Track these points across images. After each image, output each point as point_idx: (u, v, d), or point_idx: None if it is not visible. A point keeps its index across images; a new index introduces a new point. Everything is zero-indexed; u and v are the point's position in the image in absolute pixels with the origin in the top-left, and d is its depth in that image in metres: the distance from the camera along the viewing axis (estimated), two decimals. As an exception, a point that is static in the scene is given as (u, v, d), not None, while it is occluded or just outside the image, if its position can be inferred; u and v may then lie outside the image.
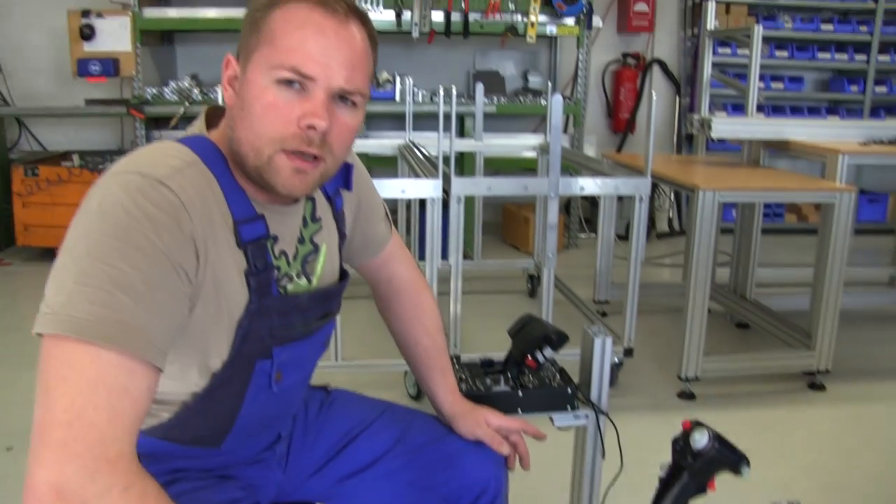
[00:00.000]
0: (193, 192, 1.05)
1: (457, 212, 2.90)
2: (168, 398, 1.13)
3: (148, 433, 1.15)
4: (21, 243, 5.07)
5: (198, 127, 1.19)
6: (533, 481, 2.61)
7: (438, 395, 1.53)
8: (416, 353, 1.57)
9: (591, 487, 1.83)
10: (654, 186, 6.03)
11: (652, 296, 4.46)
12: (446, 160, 2.96)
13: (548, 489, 2.43)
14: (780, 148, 3.95)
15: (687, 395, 3.21)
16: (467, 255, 4.97)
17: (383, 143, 4.47)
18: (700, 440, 1.05)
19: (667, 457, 1.20)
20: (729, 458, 1.07)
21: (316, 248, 1.28)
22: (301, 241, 1.25)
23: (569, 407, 1.70)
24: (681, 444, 1.08)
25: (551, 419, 1.72)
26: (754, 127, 3.93)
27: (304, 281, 1.24)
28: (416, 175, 3.34)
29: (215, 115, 1.21)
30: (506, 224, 6.03)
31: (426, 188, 2.89)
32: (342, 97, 1.11)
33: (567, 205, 5.89)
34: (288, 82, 1.07)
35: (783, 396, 3.35)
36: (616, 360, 3.23)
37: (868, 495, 2.63)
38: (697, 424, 1.08)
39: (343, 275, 1.39)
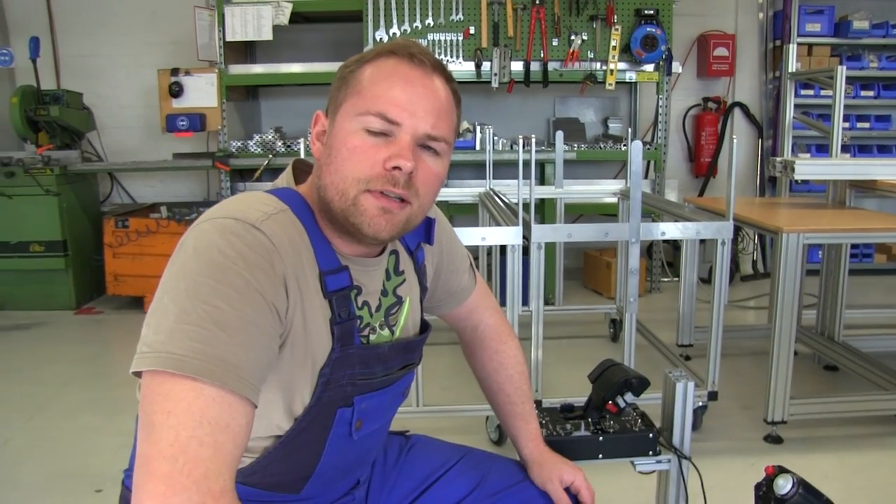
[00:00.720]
0: (284, 237, 1.11)
1: (537, 258, 2.94)
2: (251, 444, 1.16)
3: None
4: (111, 292, 5.28)
5: (285, 179, 1.26)
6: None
7: (520, 440, 1.57)
8: (499, 400, 1.60)
9: (675, 531, 1.84)
10: (737, 229, 6.00)
11: (736, 338, 4.42)
12: (526, 207, 3.01)
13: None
14: (866, 188, 3.88)
15: (773, 439, 3.16)
16: (549, 301, 4.98)
17: (464, 191, 4.54)
18: (784, 486, 1.06)
19: (751, 502, 1.22)
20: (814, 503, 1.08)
21: (399, 301, 1.33)
22: (384, 293, 1.30)
23: (651, 452, 1.72)
24: (764, 490, 1.09)
25: (633, 464, 1.74)
26: (839, 167, 3.86)
27: (386, 332, 1.29)
28: (497, 222, 3.39)
29: (302, 171, 1.28)
30: (587, 270, 6.03)
31: (506, 235, 2.94)
32: (427, 146, 1.17)
33: (649, 249, 5.86)
34: (375, 128, 1.13)
35: (874, 440, 3.26)
36: (700, 403, 3.20)
37: None
38: (781, 470, 1.09)
39: (424, 326, 1.43)
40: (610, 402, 1.69)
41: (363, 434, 1.27)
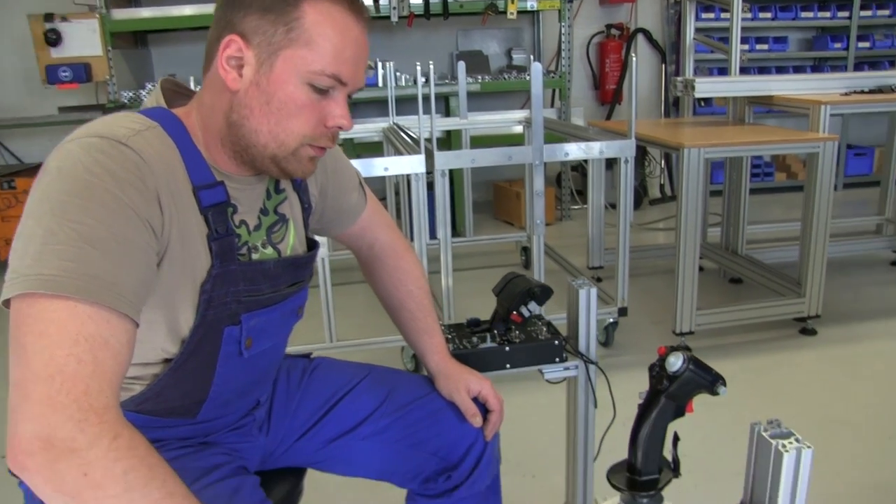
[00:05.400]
0: (154, 152, 1.06)
1: (442, 185, 2.92)
2: (140, 371, 1.14)
3: (121, 406, 1.15)
4: (3, 258, 4.99)
5: (155, 99, 1.20)
6: (530, 433, 2.67)
7: (425, 354, 1.55)
8: (402, 317, 1.59)
9: (586, 437, 1.87)
10: (644, 153, 6.11)
11: (646, 258, 4.53)
12: (430, 142, 2.98)
13: (544, 441, 2.48)
14: (764, 104, 3.96)
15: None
16: (459, 233, 5.00)
17: (368, 126, 4.48)
18: (675, 363, 1.08)
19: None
20: (704, 378, 1.09)
21: (282, 219, 1.30)
22: (264, 212, 1.27)
23: (557, 359, 1.73)
24: (657, 370, 1.10)
25: (541, 372, 1.75)
26: (737, 84, 3.94)
27: (270, 250, 1.26)
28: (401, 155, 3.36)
29: (174, 92, 1.23)
30: (497, 202, 6.05)
31: (410, 164, 2.91)
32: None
33: (558, 178, 5.91)
34: (322, 86, 1.12)
35: (777, 343, 3.41)
36: (611, 319, 3.27)
37: (858, 425, 2.73)
38: (673, 349, 1.10)
39: (313, 245, 1.40)
40: (514, 312, 1.69)
41: (255, 353, 1.24)
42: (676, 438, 1.12)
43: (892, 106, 3.99)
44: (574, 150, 3.09)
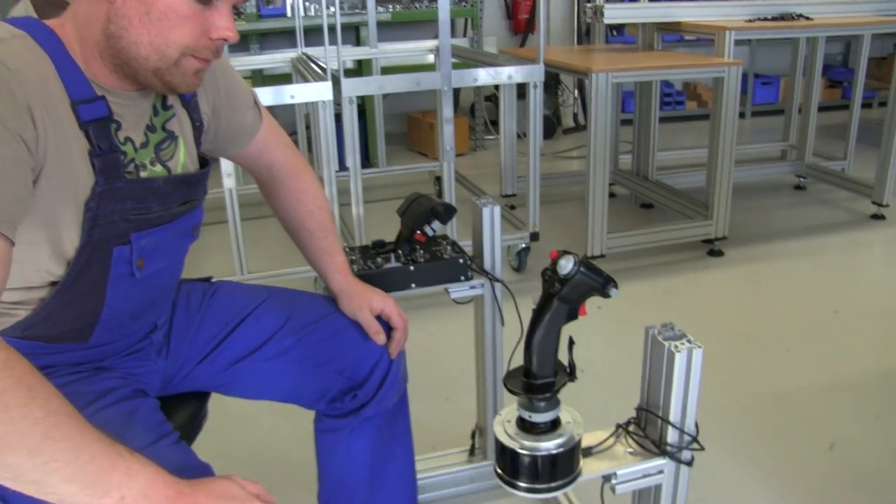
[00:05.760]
0: (23, 63, 1.01)
1: (350, 113, 2.87)
2: (24, 296, 1.10)
3: (5, 333, 1.10)
4: None
5: (24, 8, 1.14)
6: (444, 359, 2.70)
7: (327, 274, 1.53)
8: (302, 237, 1.56)
9: (494, 355, 1.89)
10: (557, 82, 6.11)
11: (560, 185, 4.57)
12: (338, 73, 2.92)
13: (458, 366, 2.50)
14: (672, 30, 4.00)
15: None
16: (373, 165, 4.97)
17: (276, 58, 4.37)
18: (566, 266, 1.07)
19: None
20: (595, 280, 1.10)
21: (171, 136, 1.26)
22: (152, 128, 1.22)
23: (462, 278, 1.74)
24: (549, 273, 1.10)
25: (447, 291, 1.75)
26: (645, 10, 3.98)
27: (159, 168, 1.22)
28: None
29: (47, 3, 1.17)
30: (411, 133, 6.01)
31: (315, 91, 2.84)
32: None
33: (472, 109, 5.90)
34: None
35: (685, 264, 3.50)
36: (523, 244, 3.29)
37: (758, 339, 2.85)
38: (564, 252, 1.10)
39: (204, 163, 1.36)
40: (418, 231, 1.68)
41: (148, 273, 1.21)
42: (571, 343, 1.13)
43: (794, 32, 4.09)
44: (483, 76, 3.08)
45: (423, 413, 2.30)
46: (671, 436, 1.16)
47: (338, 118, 3.01)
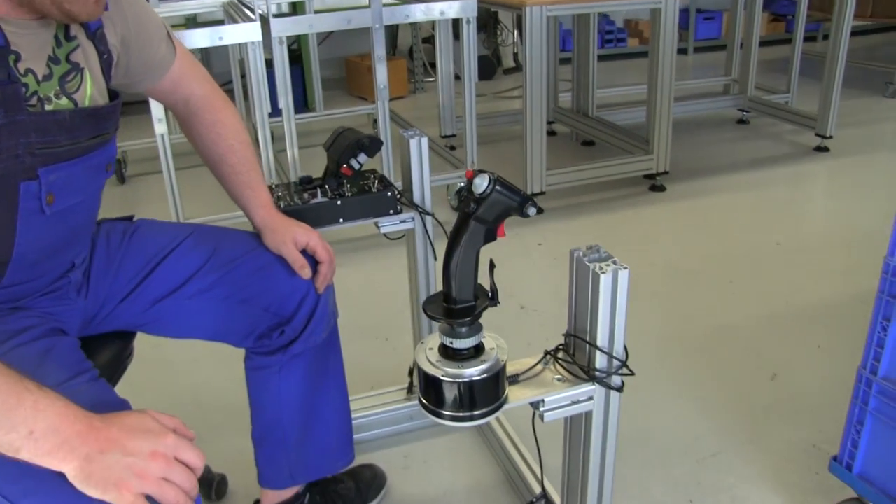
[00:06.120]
0: None
1: (280, 54, 2.81)
2: None
3: None
4: None
5: None
6: (382, 299, 2.68)
7: (250, 209, 1.50)
8: (224, 172, 1.52)
9: (427, 289, 1.87)
10: (496, 22, 6.05)
11: (501, 125, 4.53)
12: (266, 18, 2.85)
13: (397, 305, 2.48)
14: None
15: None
16: (311, 109, 4.89)
17: (206, 2, 4.23)
18: (481, 185, 1.05)
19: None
20: (512, 199, 1.07)
21: (76, 68, 1.20)
22: (55, 60, 1.17)
23: (392, 211, 1.71)
24: (465, 193, 1.08)
25: (377, 226, 1.73)
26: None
27: (65, 101, 1.17)
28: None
29: None
30: (350, 77, 5.93)
31: (244, 32, 2.77)
32: None
33: (410, 51, 5.83)
34: None
35: (627, 200, 3.51)
36: (461, 184, 3.27)
37: (701, 272, 2.87)
38: (480, 171, 1.08)
39: (114, 96, 1.31)
40: (345, 165, 1.65)
41: (59, 209, 1.16)
42: (492, 266, 1.11)
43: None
44: (415, 12, 3.02)
45: (363, 353, 2.29)
46: (599, 361, 1.15)
47: (271, 64, 2.94)
